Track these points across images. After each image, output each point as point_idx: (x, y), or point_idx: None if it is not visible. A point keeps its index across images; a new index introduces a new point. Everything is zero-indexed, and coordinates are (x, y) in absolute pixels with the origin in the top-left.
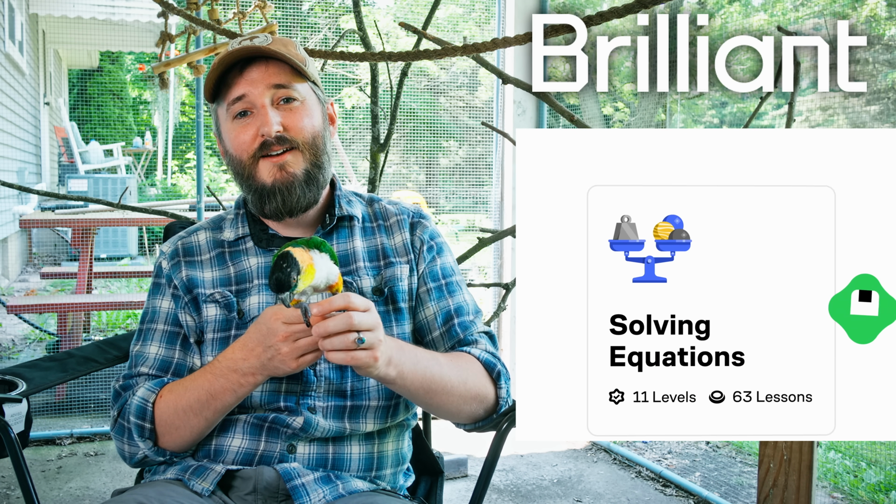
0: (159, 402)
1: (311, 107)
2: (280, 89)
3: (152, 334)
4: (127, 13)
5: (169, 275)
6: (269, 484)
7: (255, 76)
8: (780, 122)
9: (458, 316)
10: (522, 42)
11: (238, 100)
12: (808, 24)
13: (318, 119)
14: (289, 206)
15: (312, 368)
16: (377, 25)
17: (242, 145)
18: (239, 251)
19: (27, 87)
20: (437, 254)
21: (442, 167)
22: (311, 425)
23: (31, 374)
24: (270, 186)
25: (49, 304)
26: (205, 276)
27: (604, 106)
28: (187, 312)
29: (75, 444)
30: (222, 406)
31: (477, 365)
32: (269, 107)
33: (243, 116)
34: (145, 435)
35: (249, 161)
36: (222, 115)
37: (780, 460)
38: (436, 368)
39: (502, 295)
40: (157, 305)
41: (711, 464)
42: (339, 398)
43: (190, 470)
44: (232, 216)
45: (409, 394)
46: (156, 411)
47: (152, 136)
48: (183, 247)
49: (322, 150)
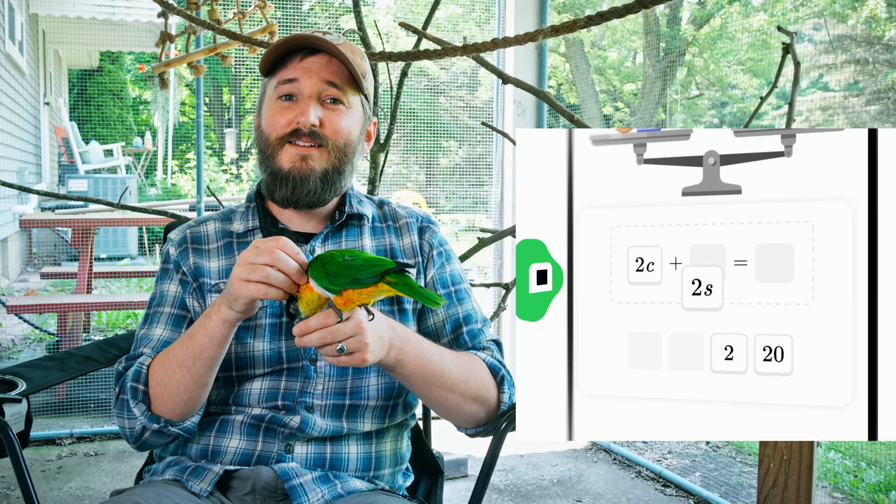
0: (153, 363)
1: (354, 116)
2: (331, 87)
3: (158, 317)
4: (127, 13)
5: (177, 261)
6: (267, 484)
7: (313, 66)
8: (780, 122)
9: (467, 324)
10: (522, 42)
11: (289, 82)
12: (808, 24)
13: (356, 129)
14: (297, 197)
15: (313, 364)
16: (377, 25)
17: (276, 126)
18: (247, 243)
19: (27, 87)
20: (445, 260)
21: (442, 167)
22: (309, 425)
23: (30, 373)
24: (286, 172)
25: (49, 304)
26: (211, 265)
27: (604, 106)
28: (195, 298)
29: (75, 444)
30: (198, 349)
31: (482, 366)
32: (315, 99)
33: (288, 100)
34: (138, 398)
35: (276, 142)
36: (269, 91)
37: (780, 460)
38: (438, 362)
39: (502, 295)
40: (164, 290)
41: (711, 464)
42: (337, 396)
43: (188, 471)
44: (243, 209)
45: (410, 383)
46: (150, 372)
47: (152, 136)
48: (191, 235)
49: (349, 158)
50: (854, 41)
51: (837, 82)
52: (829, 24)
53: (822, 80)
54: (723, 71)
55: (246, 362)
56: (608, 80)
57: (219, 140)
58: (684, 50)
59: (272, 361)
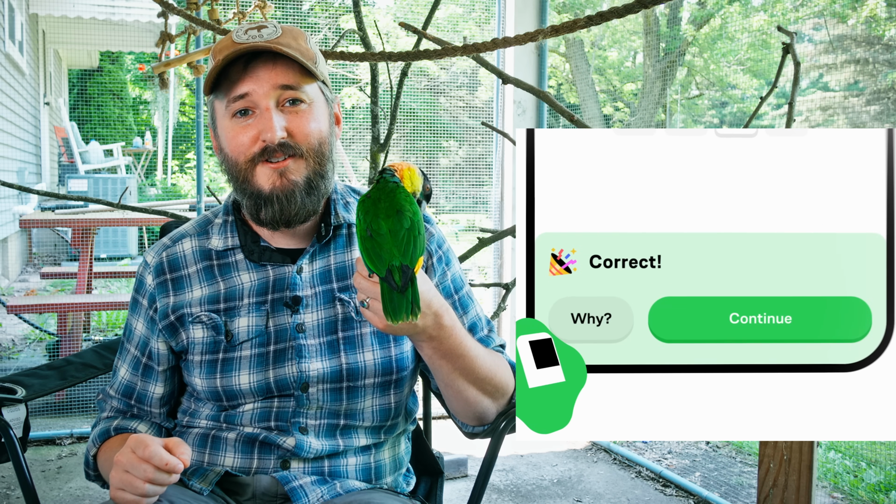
0: (98, 455)
1: (318, 109)
2: (287, 90)
3: (126, 355)
4: (127, 13)
5: (152, 294)
6: (266, 490)
7: (260, 74)
8: (780, 122)
9: (474, 333)
10: (522, 42)
11: (240, 98)
12: (808, 24)
13: (325, 123)
14: (287, 216)
15: (305, 391)
16: (377, 25)
17: (240, 147)
18: (228, 264)
19: (27, 87)
20: (446, 265)
21: (442, 167)
22: (304, 448)
23: (29, 381)
24: (268, 193)
25: (49, 304)
26: (192, 295)
27: (604, 106)
28: (161, 339)
29: (75, 444)
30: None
31: (506, 364)
32: (274, 109)
33: (244, 116)
34: (91, 479)
35: (246, 164)
36: (220, 110)
37: (780, 460)
38: (473, 349)
39: (502, 295)
40: (132, 325)
41: (711, 464)
42: (331, 417)
43: (189, 470)
44: (220, 221)
45: (445, 354)
46: (97, 463)
47: (152, 136)
48: (168, 259)
49: (327, 157)
50: (854, 41)
51: (837, 82)
52: (829, 24)
53: (822, 80)
54: (723, 71)
55: (234, 394)
56: (608, 80)
57: None
58: (684, 50)
59: (261, 392)
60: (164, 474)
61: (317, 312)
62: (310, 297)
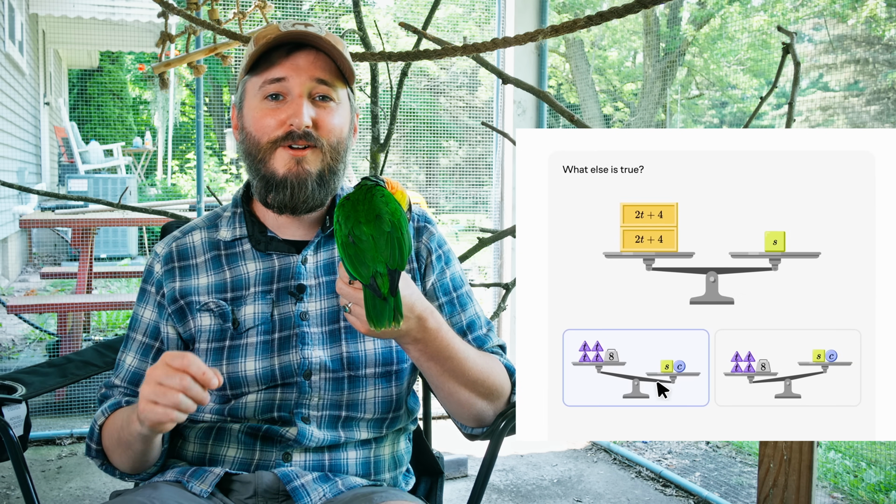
0: (104, 426)
1: (343, 111)
2: (321, 85)
3: (132, 344)
4: (127, 13)
5: (160, 280)
6: (268, 487)
7: (301, 63)
8: (780, 122)
9: (472, 331)
10: (522, 42)
11: (276, 81)
12: (808, 24)
13: (346, 125)
14: (295, 202)
15: (307, 379)
16: (377, 25)
17: (265, 128)
18: (235, 254)
19: (27, 87)
20: (445, 264)
21: (442, 167)
22: (306, 436)
23: (30, 379)
24: (282, 177)
25: (49, 304)
26: (199, 282)
27: (604, 106)
28: (171, 324)
29: (75, 444)
30: (131, 438)
31: (500, 366)
32: (306, 98)
33: (275, 100)
34: (92, 454)
35: (267, 145)
36: (251, 90)
37: (780, 460)
38: (462, 351)
39: (502, 295)
40: (139, 314)
41: (711, 464)
42: (333, 408)
43: (189, 472)
44: (229, 214)
45: (432, 356)
46: (102, 433)
47: (152, 136)
48: (177, 249)
49: (342, 157)
50: (854, 41)
51: (837, 82)
52: (829, 24)
53: (822, 80)
54: (723, 71)
55: (238, 382)
56: (608, 80)
57: (219, 140)
58: (684, 50)
59: (265, 379)
60: (198, 388)
61: (320, 302)
62: (314, 287)
